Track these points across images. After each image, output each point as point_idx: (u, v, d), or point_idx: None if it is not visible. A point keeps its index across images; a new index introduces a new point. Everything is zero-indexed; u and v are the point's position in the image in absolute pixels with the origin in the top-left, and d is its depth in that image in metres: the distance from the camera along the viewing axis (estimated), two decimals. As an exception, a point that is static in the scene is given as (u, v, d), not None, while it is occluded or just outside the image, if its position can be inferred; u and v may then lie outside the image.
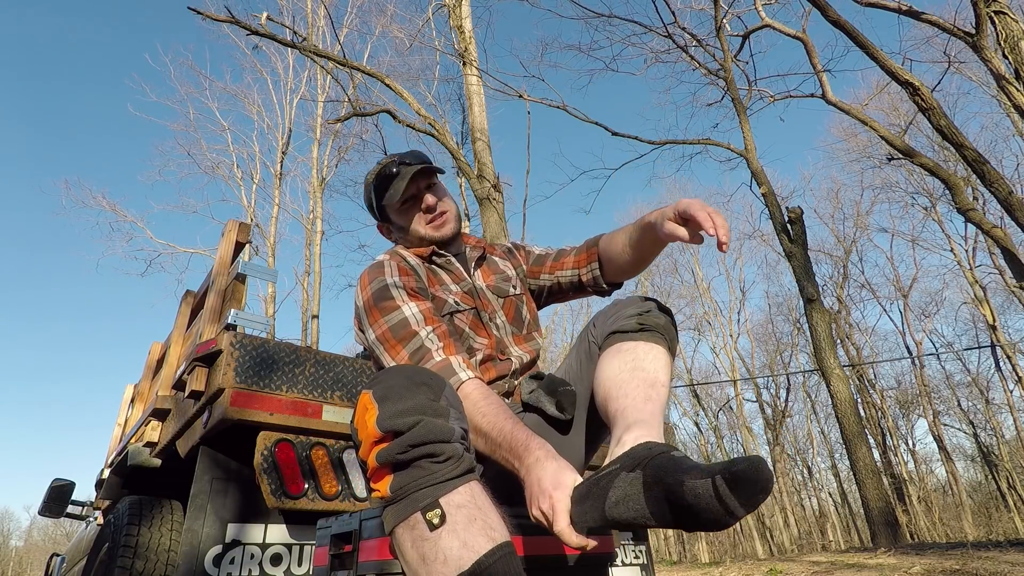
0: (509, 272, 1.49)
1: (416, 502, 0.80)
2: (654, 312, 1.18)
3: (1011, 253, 9.16)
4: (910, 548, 4.66)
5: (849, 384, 8.99)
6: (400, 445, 0.81)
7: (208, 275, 2.66)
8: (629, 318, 1.16)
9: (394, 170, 1.35)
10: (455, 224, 1.42)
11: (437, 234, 1.38)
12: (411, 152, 1.41)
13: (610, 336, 1.16)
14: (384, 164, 1.38)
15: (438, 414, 0.85)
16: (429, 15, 9.65)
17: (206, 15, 7.28)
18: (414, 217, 1.37)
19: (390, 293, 1.21)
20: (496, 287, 1.42)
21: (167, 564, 2.09)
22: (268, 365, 1.92)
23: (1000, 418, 20.98)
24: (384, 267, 1.28)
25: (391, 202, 1.35)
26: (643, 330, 1.13)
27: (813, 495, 26.63)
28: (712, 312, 24.53)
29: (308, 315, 14.17)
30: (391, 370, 0.92)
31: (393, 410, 0.83)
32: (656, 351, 1.11)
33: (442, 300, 1.30)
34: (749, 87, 10.87)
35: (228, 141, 16.71)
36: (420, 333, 1.15)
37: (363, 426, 0.85)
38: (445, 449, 0.82)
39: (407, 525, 0.80)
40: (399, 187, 1.33)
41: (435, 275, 1.37)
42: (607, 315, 1.22)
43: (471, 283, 1.39)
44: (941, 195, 17.94)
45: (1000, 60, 5.80)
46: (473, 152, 7.56)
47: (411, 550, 0.80)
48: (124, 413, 4.15)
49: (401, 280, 1.24)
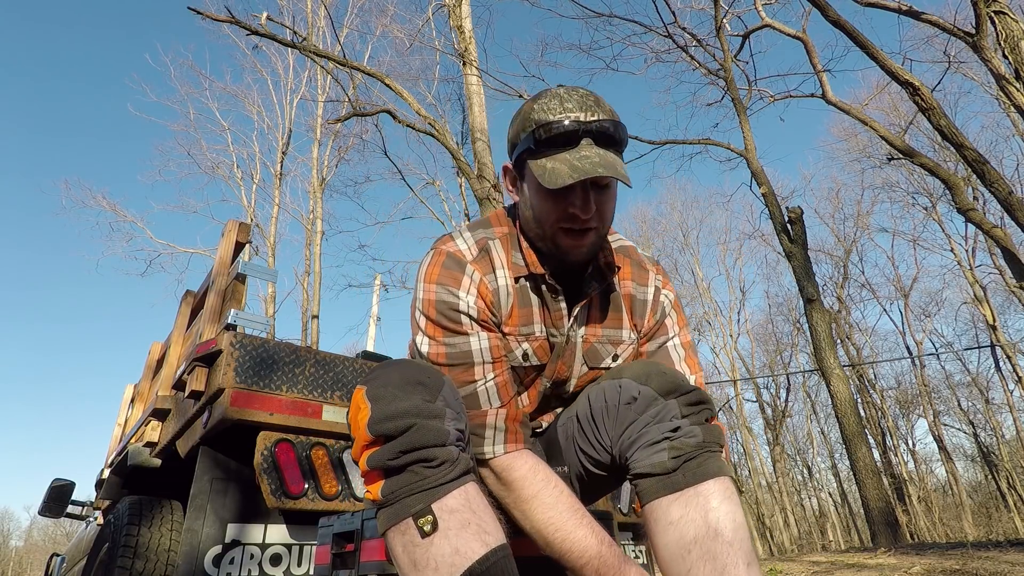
0: (624, 335, 1.10)
1: (407, 508, 0.77)
2: (685, 428, 0.89)
3: (1011, 253, 9.16)
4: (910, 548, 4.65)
5: (849, 384, 8.99)
6: (391, 451, 0.78)
7: (208, 275, 2.66)
8: (658, 449, 0.88)
9: (574, 134, 0.92)
10: (596, 243, 1.00)
11: (567, 257, 1.00)
12: (600, 103, 0.95)
13: (642, 482, 0.89)
14: (562, 112, 0.92)
15: (433, 416, 0.80)
16: (429, 15, 9.65)
17: (206, 15, 7.28)
18: (554, 213, 0.96)
19: (459, 317, 0.98)
20: (592, 351, 1.08)
21: (167, 564, 2.08)
22: (268, 365, 1.91)
23: (1000, 418, 21.02)
24: (463, 279, 0.98)
25: (542, 179, 0.91)
26: (685, 464, 0.86)
27: (813, 495, 26.67)
28: (712, 312, 24.55)
29: (308, 315, 14.17)
30: (387, 366, 0.87)
31: (385, 412, 0.79)
32: (717, 498, 0.85)
33: (509, 348, 1.03)
34: (749, 87, 10.87)
35: (228, 141, 16.73)
36: (478, 382, 0.96)
37: (355, 426, 0.82)
38: (439, 454, 0.79)
39: (398, 530, 0.78)
40: (561, 172, 0.90)
41: (524, 306, 1.03)
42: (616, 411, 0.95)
43: (564, 334, 1.05)
44: (941, 195, 17.95)
45: (1000, 60, 5.80)
46: (473, 152, 7.55)
47: (402, 555, 0.78)
48: (124, 413, 4.15)
49: (475, 307, 0.98)
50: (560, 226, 0.96)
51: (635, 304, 1.11)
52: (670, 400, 0.92)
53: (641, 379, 0.94)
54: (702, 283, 24.70)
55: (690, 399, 0.92)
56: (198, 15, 7.06)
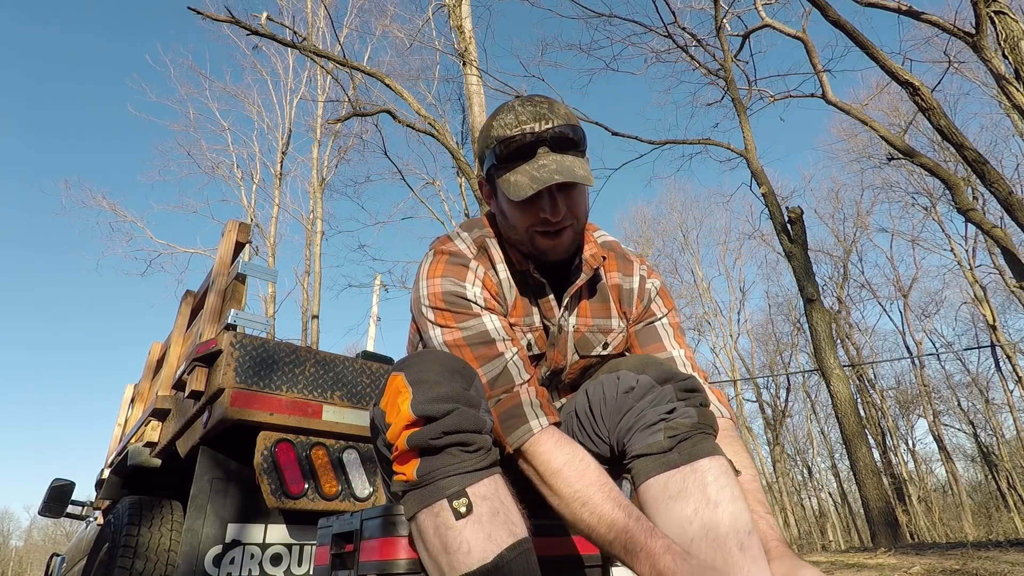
0: (613, 323, 1.14)
1: (443, 489, 0.79)
2: (680, 410, 0.92)
3: (1011, 253, 9.16)
4: (910, 548, 4.66)
5: (849, 384, 8.99)
6: (434, 430, 0.80)
7: (208, 275, 2.66)
8: (655, 431, 0.91)
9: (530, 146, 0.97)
10: (573, 240, 1.05)
11: (546, 256, 1.05)
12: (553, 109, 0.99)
13: (637, 463, 0.91)
14: (517, 127, 0.97)
15: (471, 403, 0.83)
16: (429, 15, 9.65)
17: (206, 15, 7.28)
18: (527, 220, 1.01)
19: (467, 304, 1.00)
20: (584, 340, 1.12)
21: (167, 564, 2.09)
22: (268, 365, 1.92)
23: (1000, 418, 21.03)
24: (468, 273, 1.02)
25: (507, 193, 0.97)
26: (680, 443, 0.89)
27: (813, 495, 26.68)
28: (712, 312, 24.56)
29: (308, 315, 14.18)
30: (423, 354, 0.89)
31: (430, 395, 0.81)
32: (713, 473, 0.87)
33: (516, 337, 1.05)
34: (749, 87, 10.87)
35: (228, 141, 16.72)
36: (505, 355, 0.97)
37: (394, 409, 0.83)
38: (476, 439, 0.82)
39: (431, 512, 0.79)
40: (523, 184, 0.95)
41: (523, 299, 1.08)
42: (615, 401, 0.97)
43: (556, 324, 1.10)
44: (941, 195, 17.95)
45: (1000, 60, 5.80)
46: (473, 152, 7.56)
47: (433, 537, 0.79)
48: (124, 413, 4.16)
49: (482, 297, 1.01)
50: (535, 230, 1.02)
51: (622, 293, 1.16)
52: (666, 386, 0.95)
53: (638, 369, 0.98)
54: (702, 283, 24.73)
55: (685, 385, 0.96)
56: (198, 15, 7.07)
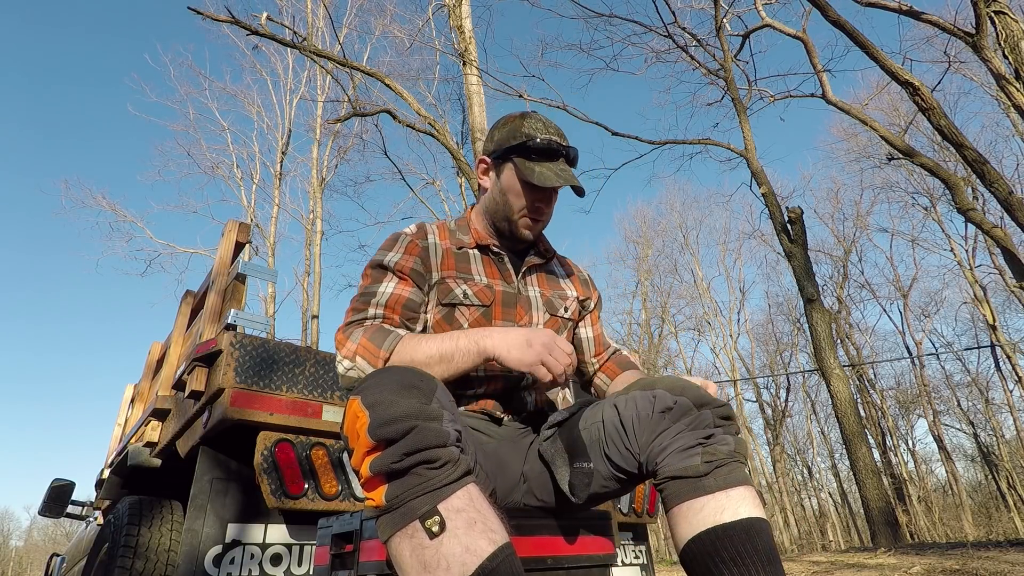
0: (569, 292, 1.38)
1: (414, 511, 0.77)
2: (718, 436, 0.96)
3: (1011, 253, 9.15)
4: (910, 548, 4.65)
5: (849, 384, 8.99)
6: (394, 454, 0.79)
7: (208, 275, 2.66)
8: (691, 454, 0.94)
9: (556, 149, 1.23)
10: (541, 230, 1.34)
11: (521, 234, 1.29)
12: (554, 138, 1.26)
13: (672, 484, 0.94)
14: (546, 134, 1.25)
15: (432, 418, 0.82)
16: (429, 15, 9.66)
17: (206, 15, 7.28)
18: (520, 204, 1.25)
19: (383, 268, 1.20)
20: (549, 301, 1.32)
21: (167, 564, 2.09)
22: (268, 365, 1.92)
23: (1000, 418, 21.01)
24: (398, 240, 1.24)
25: (521, 176, 1.22)
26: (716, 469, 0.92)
27: (813, 495, 26.66)
28: (712, 312, 24.55)
29: (308, 315, 14.18)
30: (379, 373, 0.88)
31: (384, 417, 0.80)
32: (747, 503, 0.90)
33: (448, 288, 1.21)
34: (749, 87, 10.87)
35: (228, 141, 16.73)
36: (369, 311, 1.14)
37: (354, 435, 0.82)
38: (441, 454, 0.80)
39: (405, 534, 0.78)
40: (549, 176, 1.20)
41: (463, 262, 1.27)
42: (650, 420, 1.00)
43: (515, 286, 1.28)
44: (941, 195, 17.95)
45: (1000, 60, 5.80)
46: (473, 152, 7.56)
47: (411, 558, 0.77)
48: (124, 413, 4.16)
49: (402, 260, 1.20)
50: (525, 213, 1.26)
51: (577, 275, 1.45)
52: (703, 411, 0.98)
53: (676, 391, 1.00)
54: (702, 283, 24.72)
55: (723, 412, 0.99)
56: (198, 15, 7.07)
